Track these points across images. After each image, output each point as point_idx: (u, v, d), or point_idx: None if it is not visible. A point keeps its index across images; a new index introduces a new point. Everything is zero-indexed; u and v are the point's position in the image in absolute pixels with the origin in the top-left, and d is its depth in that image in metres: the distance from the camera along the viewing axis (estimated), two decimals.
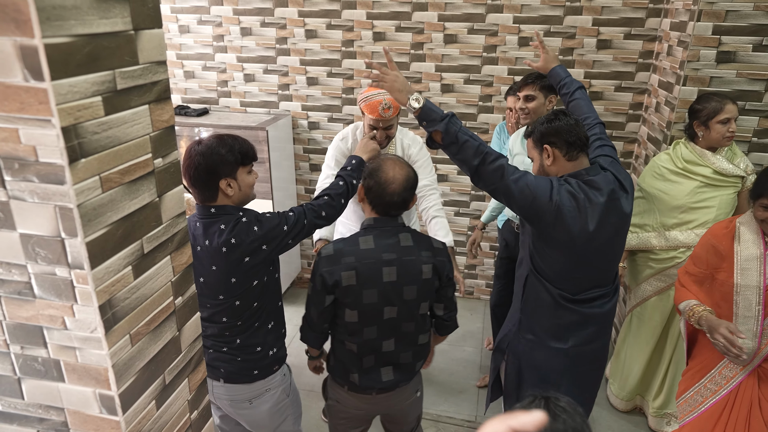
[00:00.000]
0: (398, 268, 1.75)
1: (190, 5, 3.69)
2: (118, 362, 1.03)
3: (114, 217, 0.97)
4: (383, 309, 1.78)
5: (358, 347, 1.83)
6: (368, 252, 1.74)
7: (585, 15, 3.23)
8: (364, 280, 1.74)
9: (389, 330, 1.82)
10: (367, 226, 1.81)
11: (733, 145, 2.52)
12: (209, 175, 1.67)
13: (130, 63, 0.97)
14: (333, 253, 1.77)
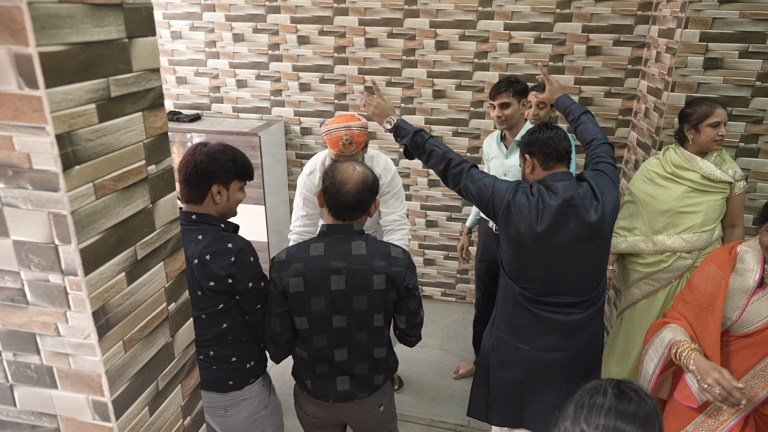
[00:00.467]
0: (347, 277, 1.69)
1: (183, 11, 3.70)
2: (112, 368, 1.03)
3: (108, 223, 0.98)
4: (332, 317, 1.73)
5: (309, 355, 1.81)
6: (317, 259, 1.70)
7: (575, 22, 3.27)
8: (311, 287, 1.70)
9: (340, 339, 1.77)
10: (321, 232, 1.77)
11: (722, 151, 2.55)
12: (205, 176, 1.68)
13: (124, 71, 0.98)
14: (284, 259, 1.75)
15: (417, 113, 3.66)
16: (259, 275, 1.76)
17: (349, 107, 3.71)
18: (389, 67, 3.58)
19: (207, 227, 1.72)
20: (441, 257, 4.01)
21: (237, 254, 1.69)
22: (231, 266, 1.68)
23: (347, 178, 1.71)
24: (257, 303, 1.77)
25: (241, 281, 1.71)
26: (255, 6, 3.59)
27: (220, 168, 1.69)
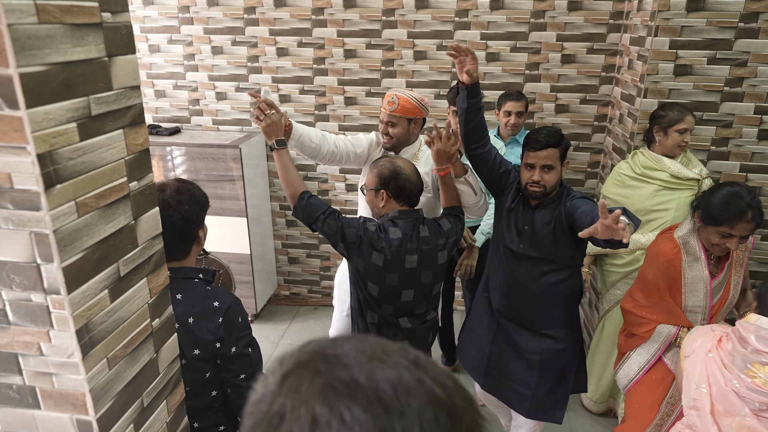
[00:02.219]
0: (418, 256, 1.97)
1: (160, 25, 3.69)
2: (96, 386, 1.03)
3: (90, 241, 0.98)
4: (401, 291, 2.00)
5: (379, 318, 2.04)
6: (396, 241, 1.95)
7: (549, 31, 3.34)
8: (390, 265, 1.94)
9: (404, 310, 2.05)
10: (393, 217, 2.00)
11: (687, 152, 2.66)
12: (189, 225, 1.48)
13: (105, 89, 0.99)
14: (374, 230, 1.95)
15: None
16: (246, 339, 1.54)
17: (330, 117, 3.73)
18: (368, 78, 3.61)
19: (184, 283, 1.50)
20: None
21: (225, 313, 1.49)
22: (218, 328, 1.47)
23: (411, 170, 2.01)
24: (241, 372, 1.52)
25: (226, 344, 1.49)
26: (233, 19, 3.60)
27: (199, 206, 1.52)
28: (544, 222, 2.07)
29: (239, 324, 1.52)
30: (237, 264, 3.69)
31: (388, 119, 2.40)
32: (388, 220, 2.00)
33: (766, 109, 2.79)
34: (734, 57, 2.72)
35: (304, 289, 4.23)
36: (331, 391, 0.46)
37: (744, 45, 2.70)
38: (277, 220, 4.05)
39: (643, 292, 2.20)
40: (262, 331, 3.81)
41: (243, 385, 1.54)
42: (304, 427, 0.44)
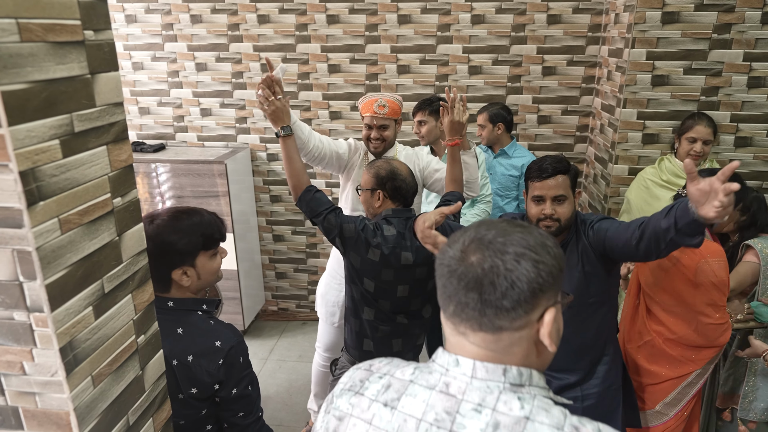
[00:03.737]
0: (413, 252, 2.00)
1: (144, 42, 3.70)
2: (80, 405, 1.02)
3: (73, 258, 0.97)
4: (397, 287, 2.03)
5: (376, 314, 2.06)
6: (391, 238, 1.99)
7: (530, 44, 3.40)
8: (386, 262, 1.98)
9: (400, 306, 2.06)
10: (386, 216, 2.04)
11: (713, 162, 2.73)
12: (159, 263, 1.38)
13: (87, 106, 0.99)
14: (371, 227, 1.99)
15: None
16: (248, 379, 1.50)
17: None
18: (353, 92, 3.64)
19: (187, 316, 1.46)
20: None
21: (226, 355, 1.43)
22: (218, 371, 1.41)
23: (407, 172, 2.06)
24: (240, 411, 1.50)
25: (226, 387, 1.45)
26: (217, 35, 3.62)
27: (174, 251, 1.42)
28: (572, 264, 1.81)
29: (240, 365, 1.47)
30: (224, 280, 3.66)
31: (380, 123, 2.43)
32: (382, 219, 2.04)
33: (741, 117, 2.86)
34: (709, 67, 2.79)
35: (292, 304, 4.20)
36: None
37: (718, 55, 2.77)
38: (263, 235, 4.04)
39: (721, 301, 2.07)
40: (250, 348, 3.76)
41: (241, 423, 1.50)
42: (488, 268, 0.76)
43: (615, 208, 3.07)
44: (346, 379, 0.92)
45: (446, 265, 0.80)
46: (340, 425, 0.86)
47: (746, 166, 2.93)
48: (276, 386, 3.35)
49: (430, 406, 0.78)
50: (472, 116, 3.40)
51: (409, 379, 0.84)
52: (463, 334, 0.80)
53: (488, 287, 0.75)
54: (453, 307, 0.79)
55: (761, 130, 2.86)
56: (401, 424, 0.80)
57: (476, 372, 0.78)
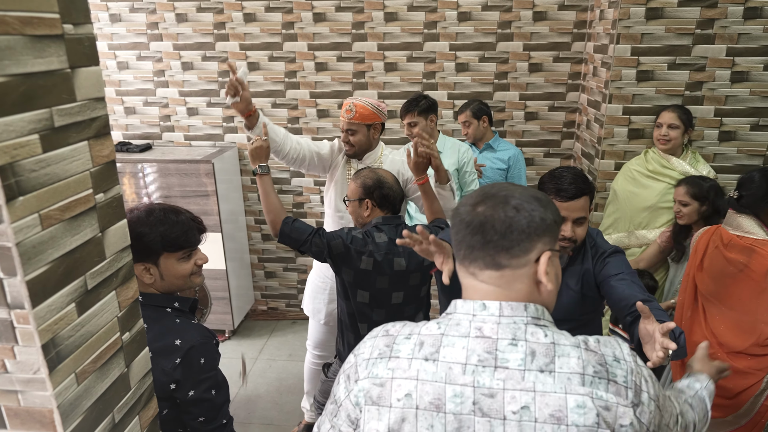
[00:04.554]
0: (406, 259, 2.02)
1: (129, 41, 3.67)
2: (64, 403, 1.01)
3: (55, 254, 0.97)
4: (392, 294, 2.04)
5: (368, 328, 2.01)
6: (383, 245, 2.00)
7: (516, 41, 3.42)
8: (379, 269, 1.99)
9: (393, 314, 2.06)
10: (377, 224, 2.06)
11: (696, 153, 2.79)
12: None
13: (68, 100, 0.98)
14: (360, 238, 1.99)
15: None
16: (209, 382, 1.45)
17: (303, 130, 3.74)
18: (340, 90, 3.63)
19: (154, 312, 1.43)
20: None
21: (184, 355, 1.40)
22: (175, 370, 1.38)
23: (393, 180, 2.10)
24: (200, 416, 1.45)
25: (182, 388, 1.40)
26: (203, 34, 3.60)
27: (136, 245, 1.33)
28: (571, 285, 1.72)
29: (200, 366, 1.42)
30: (213, 280, 3.64)
31: (347, 127, 2.42)
32: (372, 227, 2.05)
33: (725, 111, 2.89)
34: (693, 62, 2.82)
35: (282, 303, 4.19)
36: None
37: (701, 51, 2.80)
38: (252, 235, 4.02)
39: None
40: (239, 347, 3.76)
41: (201, 428, 1.45)
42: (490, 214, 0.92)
43: (602, 203, 3.09)
44: (367, 350, 0.99)
45: (460, 217, 0.95)
46: (383, 391, 0.93)
47: (730, 159, 2.96)
48: (266, 385, 3.34)
49: (471, 351, 0.90)
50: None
51: (440, 333, 0.94)
52: (473, 275, 0.95)
53: (489, 230, 0.91)
54: (464, 251, 0.94)
55: (744, 125, 2.90)
56: (447, 372, 0.90)
57: (503, 311, 0.91)
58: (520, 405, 0.86)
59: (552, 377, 0.87)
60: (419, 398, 0.90)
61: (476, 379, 0.88)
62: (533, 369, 0.87)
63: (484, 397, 0.88)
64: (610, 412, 0.86)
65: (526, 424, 0.86)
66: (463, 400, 0.88)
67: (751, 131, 2.90)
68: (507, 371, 0.88)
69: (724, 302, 2.07)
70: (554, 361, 0.88)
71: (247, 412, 3.11)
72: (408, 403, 0.90)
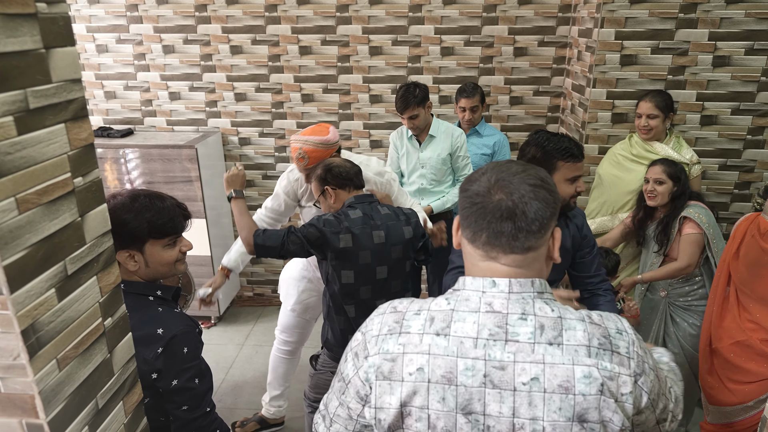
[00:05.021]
0: (385, 231, 2.03)
1: (108, 24, 3.59)
2: (46, 389, 1.00)
3: (33, 238, 0.95)
4: (376, 269, 2.02)
5: (356, 309, 2.04)
6: (359, 219, 2.00)
7: (501, 25, 3.40)
8: (360, 243, 1.97)
9: (381, 290, 2.06)
10: (350, 204, 2.05)
11: (679, 138, 2.81)
12: None
13: (43, 82, 0.96)
14: (333, 218, 1.98)
15: (355, 118, 3.70)
16: (192, 371, 1.43)
17: (287, 115, 3.71)
18: (325, 74, 3.60)
19: (136, 300, 1.41)
20: None
21: (167, 344, 1.38)
22: (156, 359, 1.37)
23: (340, 160, 2.12)
24: (183, 404, 1.44)
25: (165, 377, 1.39)
26: (184, 17, 3.53)
27: (121, 231, 1.35)
28: (565, 245, 1.87)
29: (183, 356, 1.41)
30: (197, 266, 3.62)
31: (305, 173, 2.30)
32: (345, 207, 2.05)
33: (707, 96, 2.91)
34: (676, 46, 2.84)
35: (268, 289, 4.19)
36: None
37: (684, 35, 2.81)
38: None
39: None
40: (226, 334, 3.75)
41: (185, 416, 1.44)
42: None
43: (585, 187, 3.11)
44: (376, 327, 1.01)
45: (475, 202, 0.96)
46: (394, 366, 0.95)
47: (711, 143, 3.00)
48: (253, 371, 3.34)
49: (482, 325, 0.93)
50: (445, 99, 3.40)
51: (450, 308, 0.97)
52: (494, 259, 0.96)
53: (521, 216, 0.93)
54: (486, 237, 0.95)
55: (725, 109, 2.93)
56: (459, 346, 0.93)
57: (512, 287, 0.95)
58: (530, 376, 0.90)
59: (560, 349, 0.91)
60: (431, 372, 0.93)
61: (487, 352, 0.92)
62: (542, 342, 0.91)
63: (495, 369, 0.91)
64: (613, 382, 0.90)
65: (535, 395, 0.90)
66: (475, 372, 0.91)
67: (732, 115, 2.94)
68: (517, 344, 0.92)
69: (756, 291, 2.07)
70: (562, 334, 0.92)
71: (234, 398, 3.11)
72: (420, 377, 0.93)
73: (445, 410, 0.92)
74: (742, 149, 3.00)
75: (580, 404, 0.89)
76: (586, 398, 0.89)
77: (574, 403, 0.89)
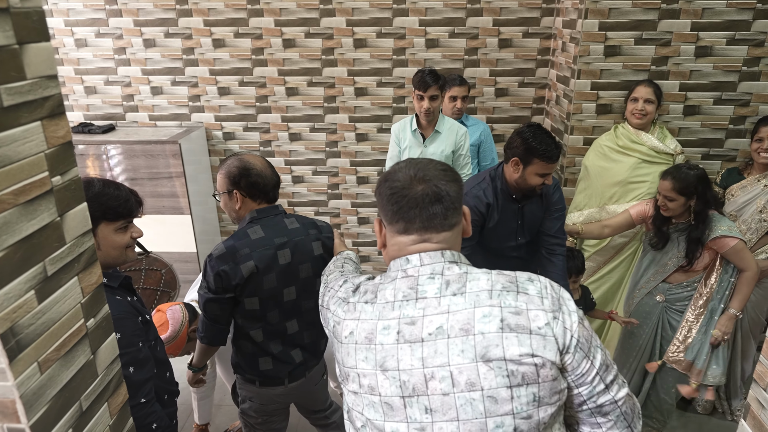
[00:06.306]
0: (291, 249, 1.83)
1: (86, 17, 3.52)
2: (27, 392, 0.98)
3: (10, 240, 0.93)
4: (282, 291, 1.84)
5: (264, 333, 1.86)
6: (260, 241, 1.79)
7: (485, 16, 3.39)
8: (263, 268, 1.78)
9: (291, 311, 1.89)
10: (251, 218, 1.83)
11: (663, 128, 2.82)
12: None
13: (17, 78, 0.93)
14: (226, 251, 1.76)
15: (341, 111, 3.67)
16: (125, 358, 1.41)
17: (272, 109, 3.67)
18: (310, 67, 3.57)
19: None
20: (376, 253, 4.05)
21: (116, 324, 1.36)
22: None
23: (262, 164, 1.85)
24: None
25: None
26: (165, 10, 3.47)
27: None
28: (533, 211, 2.31)
29: (117, 341, 1.38)
30: (183, 263, 3.59)
31: (182, 353, 2.18)
32: (247, 224, 1.83)
33: (689, 86, 2.94)
34: (658, 37, 2.85)
35: None
36: None
37: (667, 25, 2.83)
38: (223, 216, 3.96)
39: None
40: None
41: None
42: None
43: (572, 177, 3.13)
44: (342, 291, 1.15)
45: (404, 195, 1.05)
46: (337, 328, 1.09)
47: (694, 134, 3.03)
48: None
49: (397, 290, 1.04)
50: None
51: (378, 282, 1.09)
52: (427, 240, 1.06)
53: (446, 197, 1.05)
54: (420, 223, 1.05)
55: (708, 99, 2.95)
56: (380, 311, 1.03)
57: (423, 260, 1.05)
58: (436, 326, 0.98)
59: (463, 297, 0.99)
60: (358, 335, 1.04)
61: (402, 312, 1.01)
62: (447, 294, 1.00)
63: (406, 325, 1.00)
64: (520, 316, 0.96)
65: (440, 342, 0.97)
66: (390, 331, 1.00)
67: (714, 105, 2.96)
68: (426, 300, 1.01)
69: None
70: (465, 285, 1.00)
71: (221, 394, 3.09)
72: (351, 340, 1.05)
73: (368, 368, 1.01)
74: (724, 138, 3.03)
75: (480, 343, 0.94)
76: (485, 336, 0.94)
77: (475, 342, 0.95)
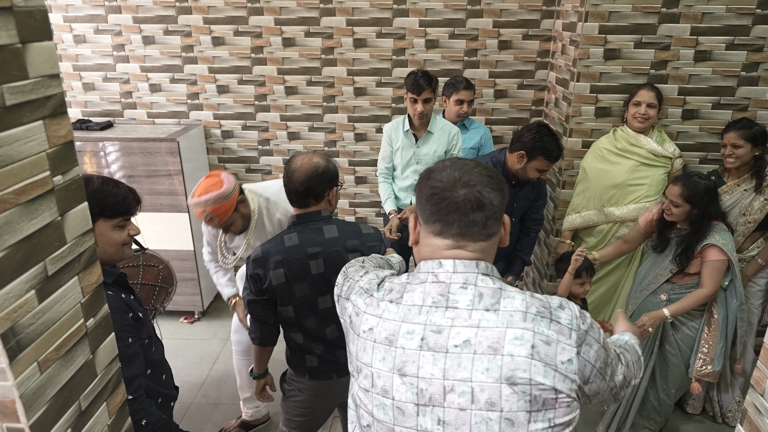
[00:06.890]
0: (324, 260, 1.80)
1: (85, 14, 3.50)
2: (27, 392, 0.98)
3: (11, 239, 0.92)
4: (317, 299, 1.84)
5: (304, 337, 1.89)
6: (293, 249, 1.78)
7: (485, 18, 3.40)
8: (293, 277, 1.78)
9: (328, 318, 1.87)
10: (292, 222, 1.85)
11: (661, 132, 2.84)
12: None
13: (20, 78, 0.93)
14: (261, 255, 1.79)
15: (340, 111, 3.67)
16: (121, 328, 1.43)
17: (270, 108, 3.67)
18: (309, 66, 3.56)
19: None
20: None
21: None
22: None
23: (297, 168, 1.80)
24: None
25: None
26: (164, 7, 3.46)
27: None
28: (526, 196, 2.68)
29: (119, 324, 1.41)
30: (180, 261, 3.58)
31: (222, 226, 2.19)
32: (287, 228, 1.86)
33: (688, 90, 2.94)
34: (658, 41, 2.86)
35: None
36: None
37: (667, 29, 2.83)
38: None
39: None
40: (210, 329, 3.72)
41: None
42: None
43: (570, 180, 3.14)
44: (364, 282, 1.12)
45: (444, 197, 1.01)
46: (356, 319, 1.07)
47: (692, 137, 3.04)
48: None
49: (426, 294, 1.01)
50: None
51: (406, 281, 1.06)
52: (462, 247, 1.02)
53: (488, 206, 1.00)
54: (457, 228, 1.01)
55: (707, 103, 2.96)
56: (406, 313, 1.01)
57: (456, 267, 1.01)
58: (463, 339, 0.95)
59: (496, 315, 0.96)
60: (378, 333, 1.02)
61: (429, 318, 0.98)
62: (479, 308, 0.97)
63: (432, 333, 0.97)
64: (550, 347, 0.93)
65: (465, 356, 0.94)
66: (414, 336, 0.98)
67: (713, 109, 2.97)
68: (456, 310, 0.98)
69: None
70: (500, 301, 0.97)
71: (218, 393, 3.09)
72: (369, 336, 1.03)
73: (385, 370, 0.99)
74: None
75: (508, 365, 0.92)
76: (514, 359, 0.92)
77: (502, 363, 0.92)
